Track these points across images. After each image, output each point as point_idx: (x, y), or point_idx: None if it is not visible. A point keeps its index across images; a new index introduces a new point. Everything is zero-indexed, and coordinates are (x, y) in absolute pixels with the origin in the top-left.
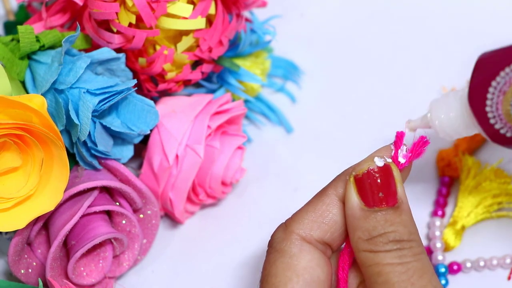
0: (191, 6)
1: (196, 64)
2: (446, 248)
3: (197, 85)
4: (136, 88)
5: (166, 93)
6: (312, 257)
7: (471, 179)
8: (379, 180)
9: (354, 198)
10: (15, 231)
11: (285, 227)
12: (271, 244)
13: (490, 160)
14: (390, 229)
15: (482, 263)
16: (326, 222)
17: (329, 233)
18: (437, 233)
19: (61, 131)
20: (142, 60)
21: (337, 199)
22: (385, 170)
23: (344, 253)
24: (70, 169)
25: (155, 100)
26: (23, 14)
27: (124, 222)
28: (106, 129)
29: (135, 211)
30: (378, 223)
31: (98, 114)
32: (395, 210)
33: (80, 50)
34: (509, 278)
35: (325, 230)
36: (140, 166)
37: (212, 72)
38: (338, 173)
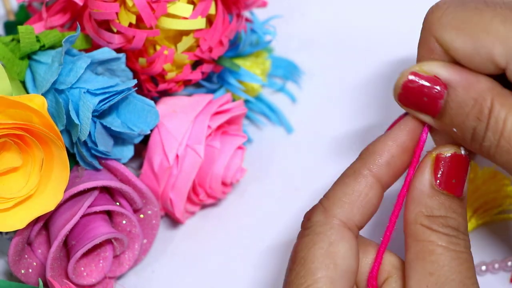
0: (191, 6)
1: (196, 64)
2: None
3: (197, 85)
4: (136, 88)
5: (166, 93)
6: (351, 246)
7: (469, 182)
8: (457, 167)
9: (428, 174)
10: (15, 231)
11: (324, 209)
12: (308, 226)
13: (488, 162)
14: (452, 215)
15: (484, 268)
16: (364, 205)
17: (366, 217)
18: None
19: (61, 131)
20: (142, 60)
21: (374, 180)
22: (464, 161)
23: (384, 241)
24: (70, 169)
25: (156, 100)
26: (23, 14)
27: (124, 222)
28: (107, 129)
29: (135, 211)
30: (443, 205)
31: (98, 114)
32: (459, 200)
33: (80, 50)
34: (511, 280)
35: (364, 214)
36: (140, 166)
37: (212, 72)
38: (339, 173)
